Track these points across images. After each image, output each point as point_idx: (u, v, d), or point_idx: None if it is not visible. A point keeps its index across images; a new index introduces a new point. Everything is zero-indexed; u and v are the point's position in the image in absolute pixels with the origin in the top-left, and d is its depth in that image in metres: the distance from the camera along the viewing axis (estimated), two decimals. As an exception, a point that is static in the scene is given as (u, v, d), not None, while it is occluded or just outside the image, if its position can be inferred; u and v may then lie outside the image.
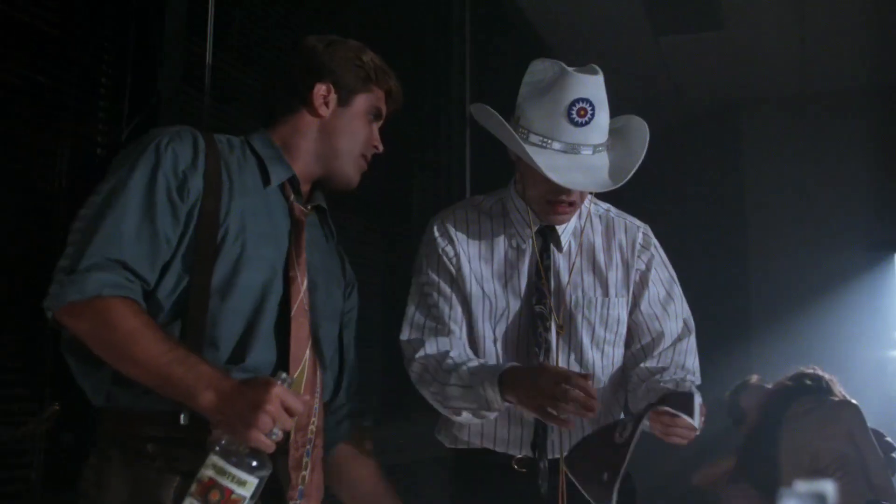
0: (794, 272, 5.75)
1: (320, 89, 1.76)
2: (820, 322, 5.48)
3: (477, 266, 2.02)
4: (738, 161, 6.24)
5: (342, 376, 1.84)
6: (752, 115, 6.17)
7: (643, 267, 2.05)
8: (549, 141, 1.87)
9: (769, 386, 3.93)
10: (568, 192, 1.91)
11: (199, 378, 1.42)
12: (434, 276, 2.02)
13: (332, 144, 1.77)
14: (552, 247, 2.03)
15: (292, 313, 1.62)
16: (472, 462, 2.04)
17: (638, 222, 2.12)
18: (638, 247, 2.06)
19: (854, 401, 3.59)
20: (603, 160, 1.90)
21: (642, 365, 2.01)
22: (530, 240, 2.02)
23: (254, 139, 1.74)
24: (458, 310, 2.00)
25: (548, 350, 1.96)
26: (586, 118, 1.85)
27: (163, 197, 1.54)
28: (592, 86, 1.87)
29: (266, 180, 1.69)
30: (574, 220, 2.05)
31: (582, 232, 2.05)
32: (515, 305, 2.00)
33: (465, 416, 1.93)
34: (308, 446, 1.61)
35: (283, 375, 1.43)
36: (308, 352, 1.63)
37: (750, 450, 3.76)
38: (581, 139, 1.86)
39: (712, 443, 4.14)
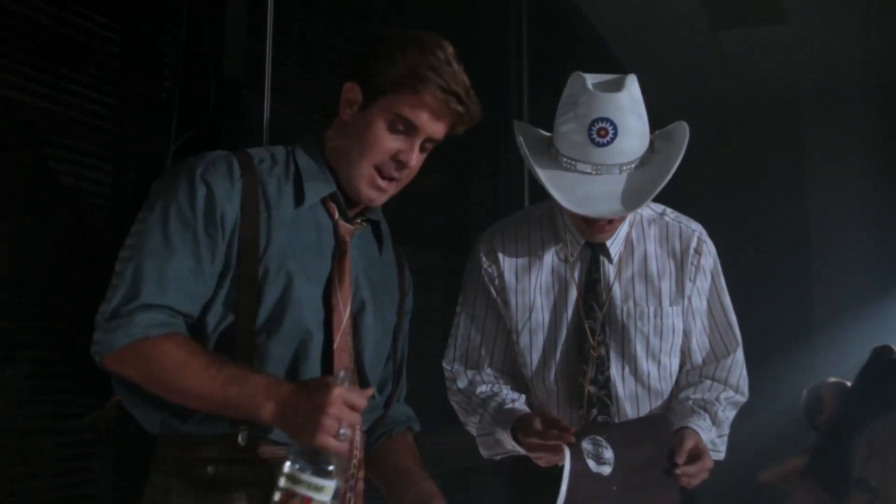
0: (859, 275, 5.61)
1: (347, 88, 1.59)
2: (886, 328, 5.28)
3: (523, 282, 2.01)
4: (801, 159, 6.11)
5: (396, 385, 1.77)
6: (813, 111, 6.03)
7: (692, 276, 2.01)
8: (575, 163, 1.84)
9: (849, 384, 3.84)
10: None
11: (255, 393, 1.40)
12: (472, 302, 2.06)
13: (345, 152, 1.59)
14: (602, 258, 2.00)
15: (335, 346, 1.55)
16: (530, 468, 2.00)
17: (694, 225, 2.06)
18: (692, 252, 2.01)
19: None
20: (632, 179, 1.85)
21: (681, 380, 2.04)
22: (578, 252, 2.00)
23: (299, 150, 1.61)
24: (492, 337, 2.05)
25: (599, 365, 1.95)
26: (607, 138, 1.81)
27: (202, 233, 1.48)
28: (613, 104, 1.82)
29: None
30: (625, 227, 2.00)
31: (634, 240, 2.02)
32: (564, 319, 1.99)
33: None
34: (351, 481, 1.56)
35: (341, 373, 1.41)
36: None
37: (823, 450, 3.70)
38: (605, 159, 1.82)
39: (780, 444, 4.09)
